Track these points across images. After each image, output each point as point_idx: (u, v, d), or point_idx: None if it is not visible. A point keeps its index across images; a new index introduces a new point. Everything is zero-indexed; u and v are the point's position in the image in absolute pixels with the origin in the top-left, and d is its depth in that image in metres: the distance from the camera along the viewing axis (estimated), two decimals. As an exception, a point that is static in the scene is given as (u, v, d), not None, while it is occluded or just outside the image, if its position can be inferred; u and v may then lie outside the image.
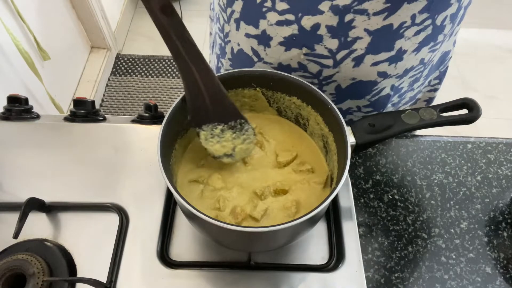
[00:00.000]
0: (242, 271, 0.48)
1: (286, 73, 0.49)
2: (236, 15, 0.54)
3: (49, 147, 0.57)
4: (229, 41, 0.60)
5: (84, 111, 0.59)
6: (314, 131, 0.52)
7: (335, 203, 0.53)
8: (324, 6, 0.46)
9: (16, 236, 0.45)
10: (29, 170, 0.55)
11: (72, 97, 1.74)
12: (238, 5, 0.53)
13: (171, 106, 0.46)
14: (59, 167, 0.55)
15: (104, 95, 1.90)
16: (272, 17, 0.50)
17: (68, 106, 1.67)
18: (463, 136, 0.64)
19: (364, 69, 0.53)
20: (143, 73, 2.00)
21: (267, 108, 0.54)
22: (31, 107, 0.61)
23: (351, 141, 0.46)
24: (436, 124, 0.49)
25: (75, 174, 0.54)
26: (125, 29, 2.17)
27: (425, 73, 0.61)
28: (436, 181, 0.59)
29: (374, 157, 0.61)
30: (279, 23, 0.50)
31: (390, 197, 0.57)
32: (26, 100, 0.60)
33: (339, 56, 0.52)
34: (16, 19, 1.31)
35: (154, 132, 0.54)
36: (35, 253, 0.46)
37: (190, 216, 0.42)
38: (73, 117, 0.59)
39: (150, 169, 0.55)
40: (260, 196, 0.47)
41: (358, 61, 0.52)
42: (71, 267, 0.47)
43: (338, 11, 0.46)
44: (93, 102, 0.60)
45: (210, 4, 0.70)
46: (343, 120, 0.45)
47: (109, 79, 1.96)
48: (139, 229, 0.50)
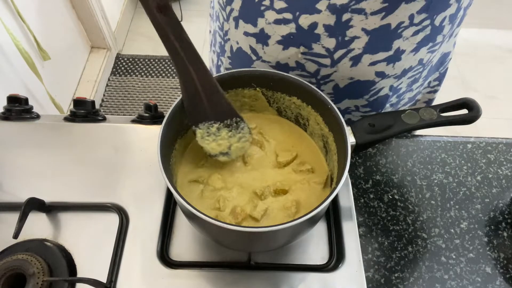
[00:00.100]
0: (242, 271, 0.48)
1: (286, 73, 0.49)
2: (235, 13, 0.54)
3: (49, 147, 0.57)
4: (229, 39, 0.60)
5: (84, 111, 0.59)
6: (314, 131, 0.52)
7: (335, 203, 0.53)
8: (322, 5, 0.46)
9: (16, 236, 0.45)
10: (29, 170, 0.55)
11: (72, 97, 1.74)
12: (237, 4, 0.53)
13: (171, 106, 0.46)
14: (59, 167, 0.55)
15: (104, 95, 1.90)
16: (270, 15, 0.50)
17: (68, 106, 1.67)
18: (463, 136, 0.64)
19: (361, 69, 0.53)
20: (143, 73, 2.00)
21: (267, 108, 0.54)
22: (31, 107, 0.61)
23: (351, 141, 0.46)
24: (436, 124, 0.49)
25: (75, 174, 0.54)
26: (125, 29, 2.17)
27: (424, 74, 0.61)
28: (436, 181, 0.59)
29: (374, 157, 0.61)
30: (277, 22, 0.50)
31: (390, 197, 0.57)
32: (26, 100, 0.60)
33: (336, 56, 0.52)
34: (16, 19, 1.31)
35: (154, 132, 0.54)
36: (35, 253, 0.46)
37: (190, 216, 0.42)
38: (73, 117, 0.59)
39: (150, 169, 0.55)
40: (260, 196, 0.47)
41: (356, 60, 0.52)
42: (71, 267, 0.47)
43: (336, 10, 0.46)
44: (93, 102, 0.60)
45: (211, 2, 0.71)
46: (343, 120, 0.45)
47: (109, 79, 1.96)
48: (139, 229, 0.50)
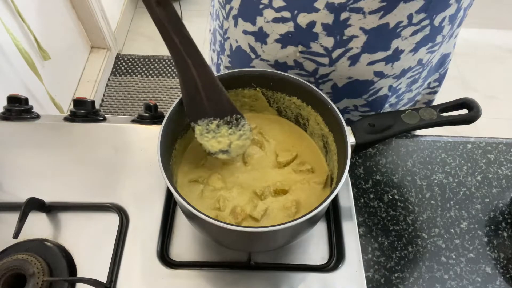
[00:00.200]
0: (242, 271, 0.48)
1: (286, 73, 0.49)
2: (234, 11, 0.54)
3: (49, 147, 0.57)
4: (228, 37, 0.60)
5: (84, 111, 0.59)
6: (314, 131, 0.52)
7: (335, 203, 0.53)
8: (320, 3, 0.46)
9: (16, 236, 0.45)
10: (29, 170, 0.55)
11: (72, 97, 1.74)
12: (236, 2, 0.53)
13: (171, 106, 0.45)
14: (59, 167, 0.55)
15: (104, 95, 1.90)
16: (269, 14, 0.50)
17: (68, 106, 1.67)
18: (463, 136, 0.64)
19: (360, 68, 0.53)
20: (143, 73, 2.00)
21: (267, 108, 0.54)
22: (31, 107, 0.61)
23: (351, 141, 0.46)
24: (436, 124, 0.49)
25: (75, 174, 0.54)
26: (125, 29, 2.17)
27: (423, 74, 0.61)
28: (436, 181, 0.59)
29: (374, 157, 0.61)
30: (275, 20, 0.50)
31: (390, 197, 0.57)
32: (26, 100, 0.60)
33: (334, 55, 0.52)
34: (16, 19, 1.31)
35: (154, 132, 0.54)
36: (35, 253, 0.46)
37: (190, 216, 0.42)
38: (73, 117, 0.59)
39: (150, 169, 0.55)
40: (260, 196, 0.47)
41: (354, 60, 0.52)
42: (71, 267, 0.47)
43: (334, 9, 0.46)
44: (93, 102, 0.60)
45: (211, 1, 0.71)
46: (343, 120, 0.45)
47: (109, 79, 1.96)
48: (139, 229, 0.50)
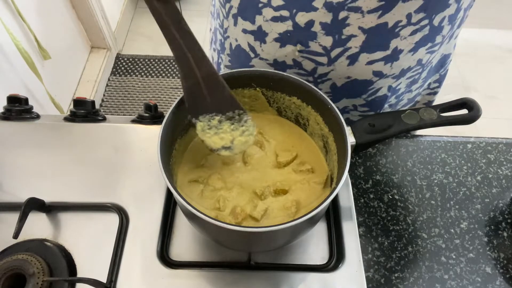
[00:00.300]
0: (242, 271, 0.48)
1: (286, 73, 0.49)
2: (234, 10, 0.54)
3: (49, 147, 0.57)
4: (228, 36, 0.60)
5: (84, 111, 0.59)
6: (314, 131, 0.52)
7: (335, 203, 0.53)
8: (318, 3, 0.46)
9: (16, 236, 0.45)
10: (29, 170, 0.55)
11: (72, 97, 1.74)
12: (236, 1, 0.53)
13: (171, 106, 0.45)
14: (59, 167, 0.55)
15: (104, 95, 1.90)
16: (268, 13, 0.50)
17: (68, 106, 1.67)
18: (463, 136, 0.64)
19: (359, 68, 0.53)
20: (143, 73, 2.00)
21: (267, 108, 0.54)
22: (31, 107, 0.61)
23: (351, 141, 0.46)
24: (436, 124, 0.49)
25: (75, 174, 0.54)
26: (125, 29, 2.17)
27: (423, 74, 0.61)
28: (436, 181, 0.59)
29: (374, 157, 0.61)
30: (274, 19, 0.50)
31: (390, 197, 0.57)
32: (26, 100, 0.60)
33: (333, 54, 0.52)
34: (16, 19, 1.31)
35: (154, 132, 0.54)
36: (35, 253, 0.46)
37: (190, 216, 0.42)
38: (73, 117, 0.59)
39: (150, 169, 0.55)
40: (260, 196, 0.47)
41: (353, 59, 0.52)
42: (71, 267, 0.47)
43: (332, 8, 0.46)
44: (93, 102, 0.60)
45: (212, 0, 0.71)
46: (343, 120, 0.45)
47: (109, 79, 1.96)
48: (139, 229, 0.50)
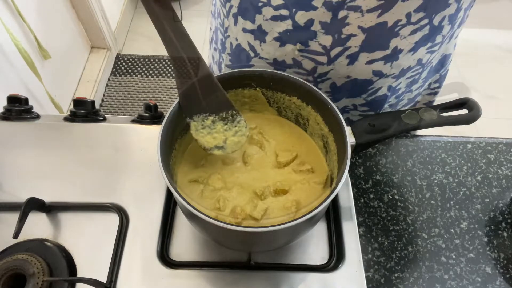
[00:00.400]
0: (242, 271, 0.48)
1: (286, 73, 0.49)
2: (234, 9, 0.54)
3: (49, 147, 0.57)
4: (228, 36, 0.60)
5: (84, 111, 0.59)
6: (314, 131, 0.52)
7: (335, 203, 0.53)
8: (318, 2, 0.46)
9: (16, 236, 0.45)
10: (29, 170, 0.55)
11: (72, 97, 1.74)
12: (236, 0, 0.53)
13: (171, 106, 0.46)
14: (59, 167, 0.55)
15: (104, 95, 1.90)
16: (268, 12, 0.50)
17: (68, 106, 1.67)
18: (463, 136, 0.64)
19: (358, 67, 0.53)
20: (143, 73, 2.00)
21: (267, 108, 0.54)
22: (31, 107, 0.61)
23: (351, 141, 0.46)
24: (436, 124, 0.49)
25: (75, 174, 0.54)
26: (125, 29, 2.17)
27: (423, 74, 0.61)
28: (436, 181, 0.59)
29: (374, 157, 0.61)
30: (274, 18, 0.50)
31: (390, 197, 0.57)
32: (26, 100, 0.60)
33: (333, 53, 0.52)
34: (16, 19, 1.31)
35: (154, 132, 0.54)
36: (35, 253, 0.46)
37: (190, 216, 0.42)
38: (73, 117, 0.59)
39: (150, 169, 0.54)
40: (260, 196, 0.47)
41: (353, 58, 0.52)
42: (71, 267, 0.47)
43: (332, 7, 0.46)
44: (93, 102, 0.60)
45: None
46: (343, 120, 0.45)
47: (109, 79, 1.96)
48: (139, 229, 0.50)
